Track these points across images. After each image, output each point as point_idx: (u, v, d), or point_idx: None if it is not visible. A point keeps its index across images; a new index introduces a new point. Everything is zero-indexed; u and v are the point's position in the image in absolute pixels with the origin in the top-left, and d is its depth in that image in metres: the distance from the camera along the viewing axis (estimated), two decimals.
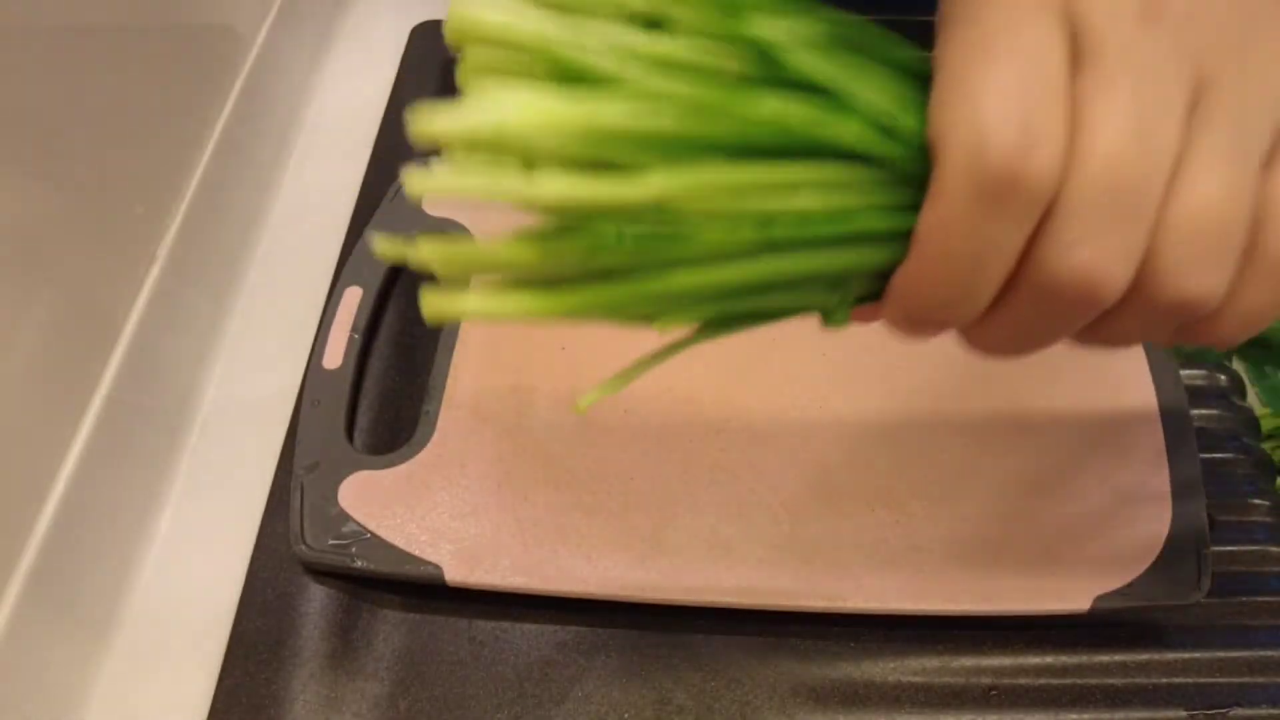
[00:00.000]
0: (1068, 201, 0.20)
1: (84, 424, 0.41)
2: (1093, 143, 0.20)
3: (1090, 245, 0.21)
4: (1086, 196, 0.20)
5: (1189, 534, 0.41)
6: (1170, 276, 0.21)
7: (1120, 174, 0.20)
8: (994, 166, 0.20)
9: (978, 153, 0.20)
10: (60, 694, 0.40)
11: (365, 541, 0.41)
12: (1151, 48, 0.21)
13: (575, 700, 0.39)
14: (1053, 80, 0.20)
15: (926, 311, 0.23)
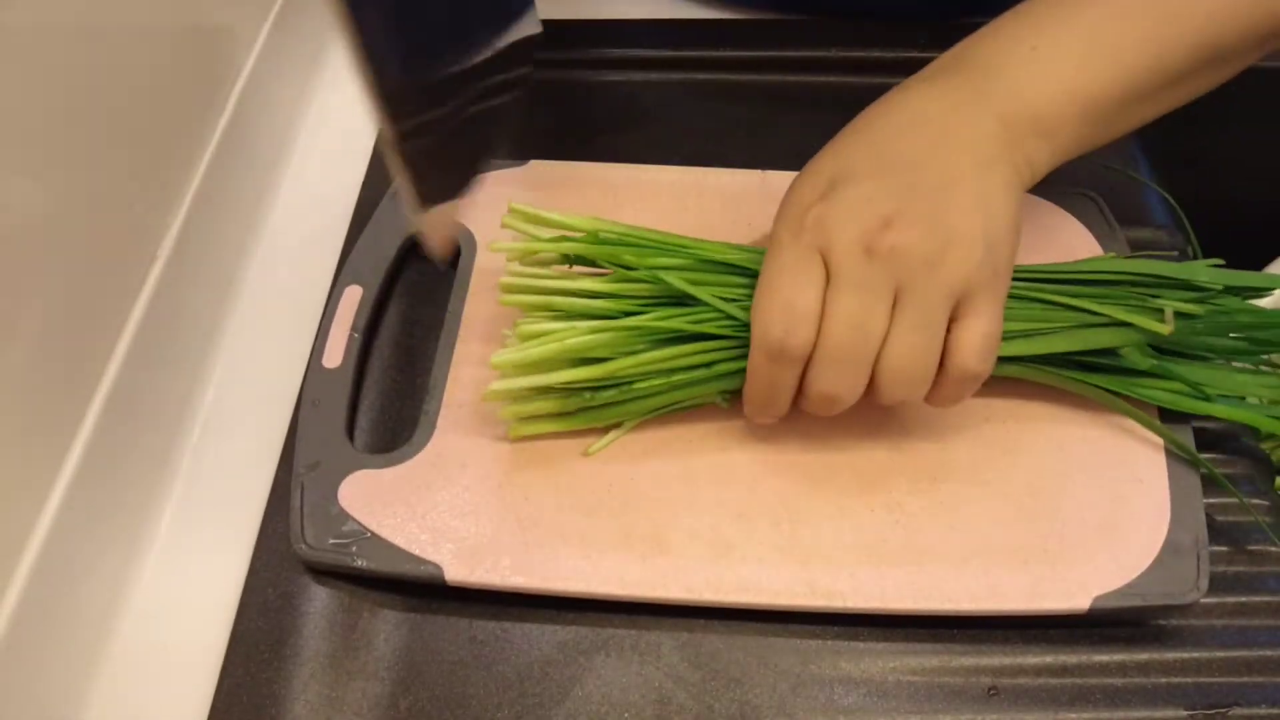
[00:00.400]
0: (816, 359, 0.38)
1: (84, 423, 0.41)
2: (828, 330, 0.37)
3: (827, 381, 0.38)
4: (825, 356, 0.38)
5: (1188, 534, 0.41)
6: (886, 393, 0.39)
7: (844, 345, 0.37)
8: (772, 344, 0.38)
9: (764, 336, 0.38)
10: (60, 694, 0.40)
11: (366, 541, 0.41)
12: (867, 272, 0.37)
13: (575, 700, 0.39)
14: (805, 295, 0.37)
15: (760, 409, 0.41)
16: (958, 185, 0.38)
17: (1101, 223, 0.51)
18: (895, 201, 0.37)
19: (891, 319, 0.37)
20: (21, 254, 0.38)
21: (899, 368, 0.38)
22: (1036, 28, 0.42)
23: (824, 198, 0.38)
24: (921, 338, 0.37)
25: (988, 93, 0.40)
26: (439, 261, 0.46)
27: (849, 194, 0.38)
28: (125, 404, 0.43)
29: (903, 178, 0.38)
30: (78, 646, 0.41)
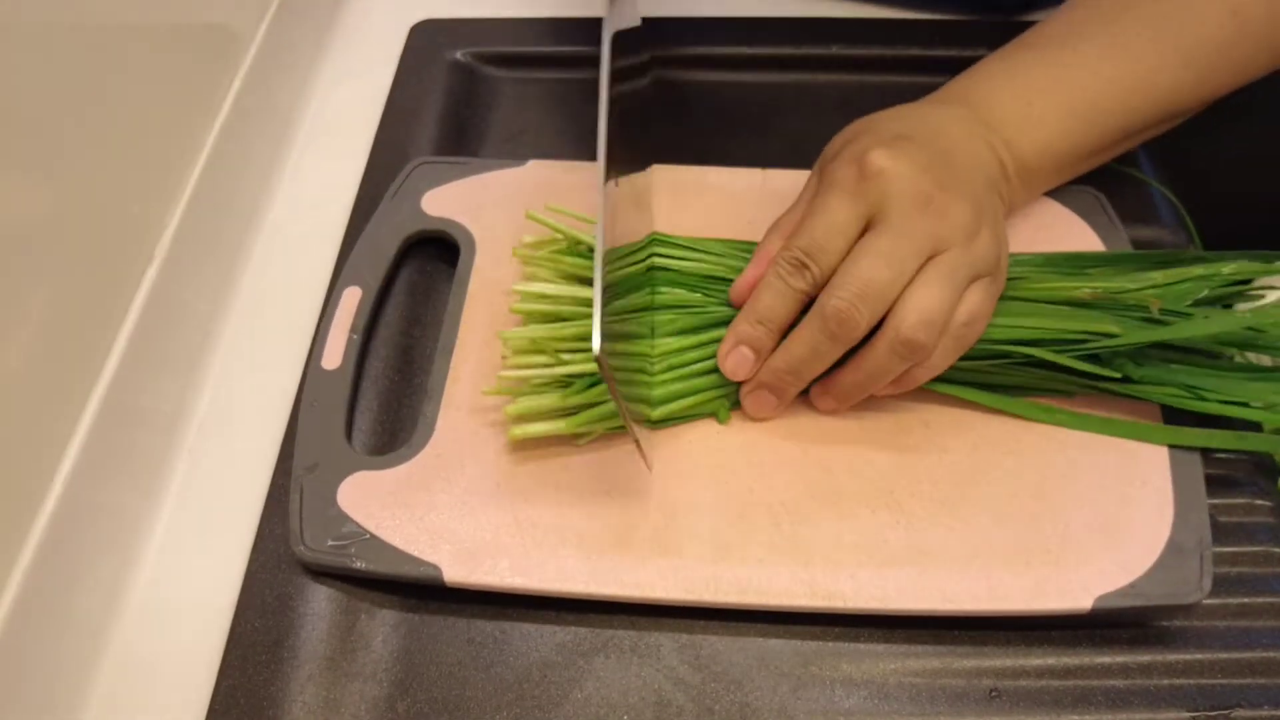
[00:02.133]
0: (837, 280, 0.40)
1: (82, 424, 0.41)
2: (856, 257, 0.39)
3: (845, 301, 0.39)
4: (846, 281, 0.39)
5: (1191, 534, 0.40)
6: (901, 331, 0.39)
7: (870, 276, 0.39)
8: (797, 251, 0.40)
9: (790, 246, 0.41)
10: (59, 694, 0.40)
11: (364, 542, 0.40)
12: (914, 224, 0.39)
13: (574, 702, 0.39)
14: (840, 227, 0.40)
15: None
16: (981, 182, 0.42)
17: (1104, 219, 0.50)
18: (945, 172, 0.40)
19: (919, 271, 0.39)
20: (18, 254, 0.38)
21: (921, 309, 0.39)
22: (1031, 85, 0.46)
23: (884, 144, 0.40)
24: (943, 292, 0.39)
25: (991, 135, 0.44)
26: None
27: (908, 149, 0.40)
28: (123, 405, 0.43)
29: (946, 158, 0.41)
30: (76, 646, 0.41)
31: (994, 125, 0.44)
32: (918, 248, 0.39)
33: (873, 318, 0.39)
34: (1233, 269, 0.45)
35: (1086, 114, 0.46)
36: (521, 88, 0.60)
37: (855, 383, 0.42)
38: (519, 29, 0.62)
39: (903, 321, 0.39)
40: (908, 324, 0.39)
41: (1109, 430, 0.43)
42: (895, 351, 0.39)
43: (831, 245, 0.40)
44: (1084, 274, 0.46)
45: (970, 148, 0.43)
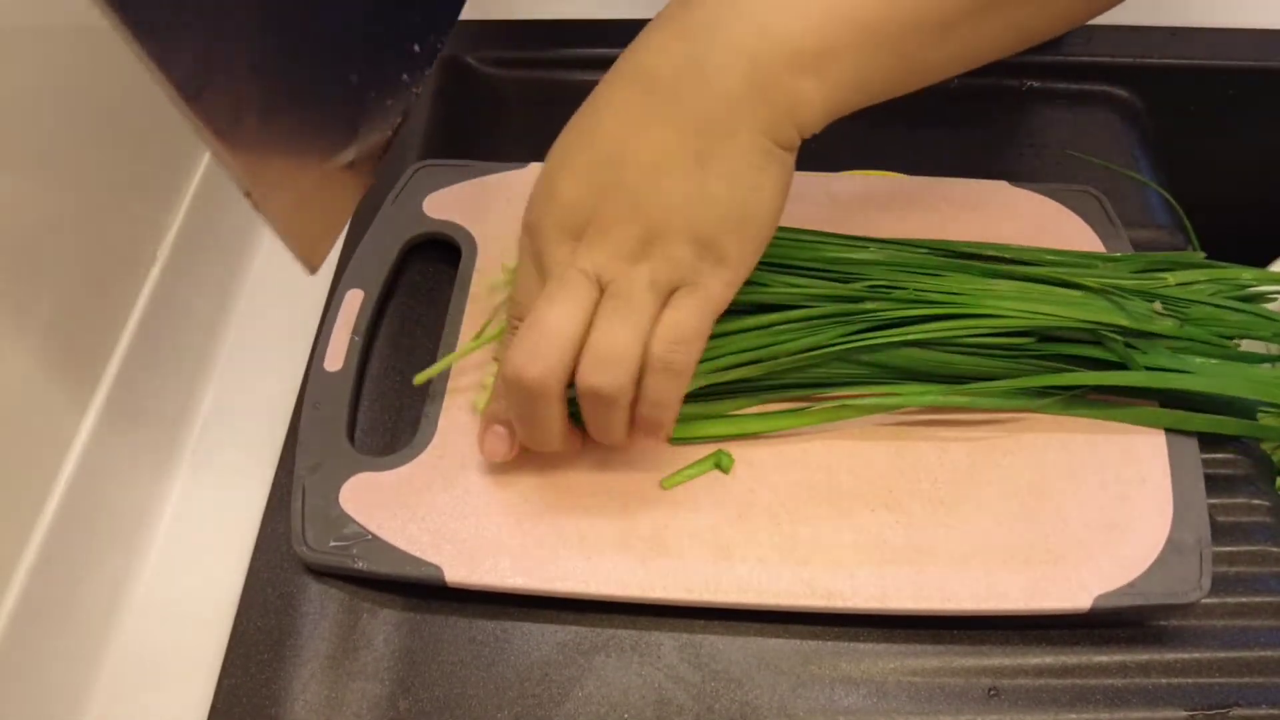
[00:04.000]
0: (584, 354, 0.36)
1: (84, 424, 0.41)
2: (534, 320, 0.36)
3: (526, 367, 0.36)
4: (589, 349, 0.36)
5: (1189, 534, 0.41)
6: (580, 384, 0.36)
7: (545, 336, 0.36)
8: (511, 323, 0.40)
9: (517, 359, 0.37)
10: (61, 693, 0.40)
11: (366, 542, 0.41)
12: (572, 277, 0.36)
13: (575, 700, 0.39)
14: (529, 298, 0.38)
15: None
16: (675, 169, 0.35)
17: (1104, 220, 0.50)
18: (598, 193, 0.36)
19: (595, 313, 0.36)
20: (21, 256, 0.38)
21: (596, 353, 0.36)
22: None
23: (541, 195, 0.38)
24: (621, 323, 0.35)
25: (728, 32, 0.34)
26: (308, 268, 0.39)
27: (556, 186, 0.37)
28: (126, 405, 0.43)
29: (613, 165, 0.36)
30: (78, 646, 0.41)
31: (734, 9, 0.34)
32: (577, 302, 0.36)
33: (558, 371, 0.36)
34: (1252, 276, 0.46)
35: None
36: (523, 90, 0.61)
37: (605, 429, 0.39)
38: (520, 31, 0.62)
39: (579, 375, 0.36)
40: (581, 376, 0.36)
41: (1105, 415, 0.43)
42: (588, 404, 0.37)
43: (528, 324, 0.37)
44: (1094, 268, 0.46)
45: (676, 93, 0.35)
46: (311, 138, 0.38)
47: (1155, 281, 0.45)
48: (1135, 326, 0.43)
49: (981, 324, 0.42)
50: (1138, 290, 0.44)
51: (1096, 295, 0.44)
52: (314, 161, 0.38)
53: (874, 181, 0.53)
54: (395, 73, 0.42)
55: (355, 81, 0.39)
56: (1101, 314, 0.42)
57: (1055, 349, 0.43)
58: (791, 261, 0.44)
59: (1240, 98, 0.61)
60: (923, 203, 0.51)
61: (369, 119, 0.40)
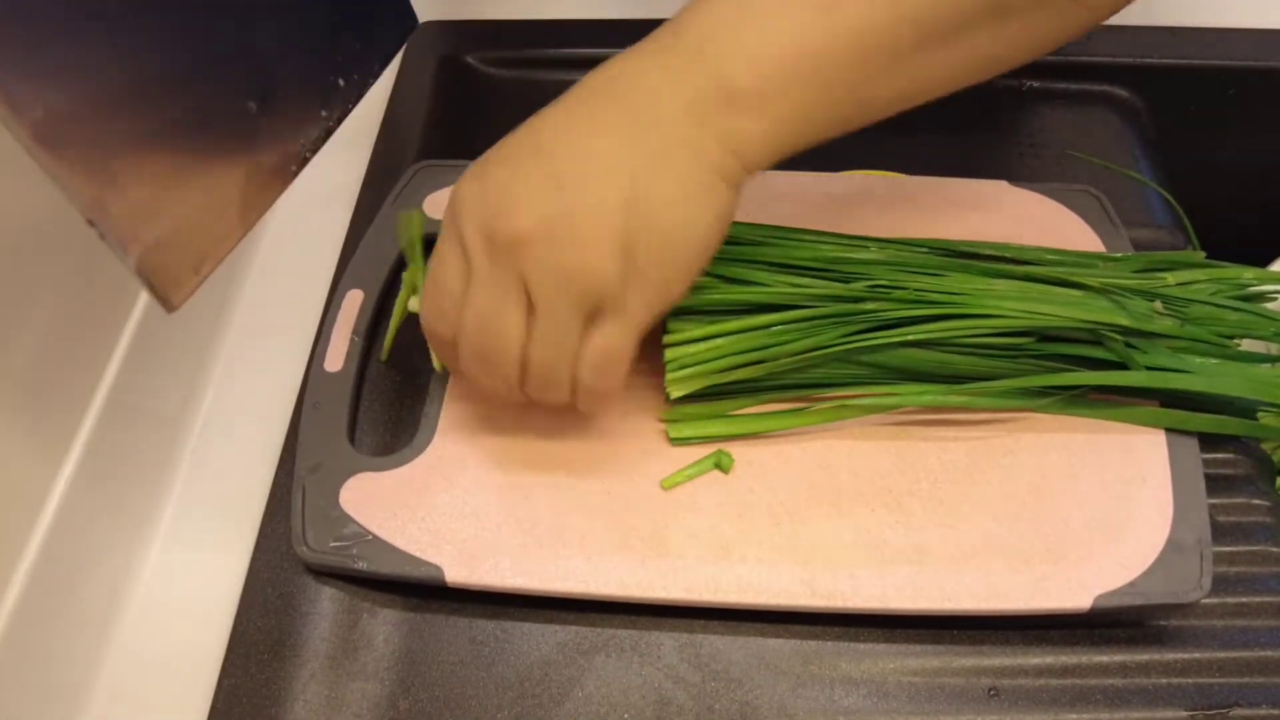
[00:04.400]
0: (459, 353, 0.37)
1: (84, 425, 0.41)
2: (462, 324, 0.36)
3: (475, 373, 0.38)
4: (463, 350, 0.37)
5: (1190, 534, 0.41)
6: (533, 394, 0.38)
7: (476, 342, 0.36)
8: (426, 328, 0.39)
9: (423, 319, 0.39)
10: (61, 694, 0.40)
11: (367, 543, 0.41)
12: (492, 265, 0.35)
13: (575, 700, 0.39)
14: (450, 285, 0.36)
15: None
16: (604, 179, 0.34)
17: (1105, 220, 0.51)
18: (528, 186, 0.34)
19: (528, 320, 0.36)
20: (22, 254, 0.38)
21: (532, 374, 0.37)
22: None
23: (470, 177, 0.36)
24: (548, 351, 0.36)
25: (688, 64, 0.34)
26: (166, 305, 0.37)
27: (488, 174, 0.35)
28: (125, 405, 0.43)
29: (545, 165, 0.35)
30: (78, 646, 0.41)
31: (695, 45, 0.34)
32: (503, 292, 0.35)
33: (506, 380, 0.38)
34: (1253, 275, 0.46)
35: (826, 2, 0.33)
36: (523, 90, 0.61)
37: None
38: (520, 31, 0.63)
39: (526, 387, 0.38)
40: (529, 388, 0.38)
41: (1105, 415, 0.44)
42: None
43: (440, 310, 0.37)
44: (1094, 268, 0.46)
45: (632, 108, 0.35)
46: (187, 168, 0.36)
47: (1155, 281, 0.45)
48: (1135, 326, 0.43)
49: (981, 324, 0.42)
50: (1138, 290, 0.44)
51: (1097, 295, 0.44)
52: (188, 194, 0.36)
53: (874, 181, 0.53)
54: (307, 104, 0.41)
55: (253, 110, 0.38)
56: (1102, 314, 0.42)
57: (1055, 349, 0.43)
58: (792, 261, 0.44)
59: (1240, 98, 0.61)
60: (923, 203, 0.51)
61: (264, 149, 0.39)
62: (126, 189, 0.34)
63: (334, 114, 0.43)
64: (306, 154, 0.42)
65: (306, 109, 0.42)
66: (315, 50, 0.42)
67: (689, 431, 0.43)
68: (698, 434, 0.43)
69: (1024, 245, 0.47)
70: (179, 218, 0.36)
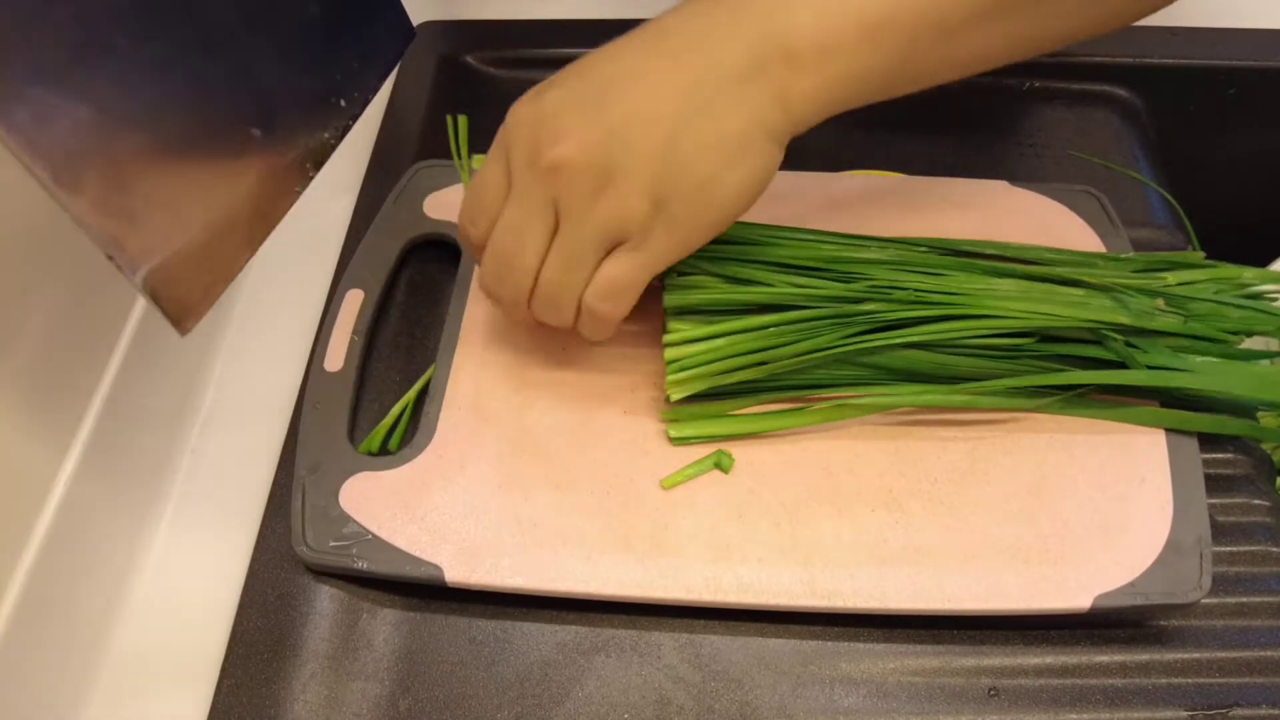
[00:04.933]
0: (485, 255, 0.39)
1: (84, 424, 0.41)
2: (494, 232, 0.39)
3: (489, 278, 0.40)
4: (488, 254, 0.39)
5: (1189, 534, 0.41)
6: (537, 311, 0.40)
7: (500, 251, 0.38)
8: (460, 227, 0.41)
9: (459, 218, 0.41)
10: (61, 694, 0.40)
11: (366, 542, 0.41)
12: (529, 183, 0.36)
13: (575, 701, 0.39)
14: (489, 193, 0.38)
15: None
16: (656, 120, 0.35)
17: (1104, 220, 0.51)
18: (578, 117, 0.35)
19: (551, 241, 0.37)
20: (22, 253, 0.38)
21: (541, 291, 0.39)
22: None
23: (528, 100, 0.38)
24: (561, 272, 0.38)
25: (742, 13, 0.35)
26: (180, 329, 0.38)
27: (544, 99, 0.37)
28: (125, 404, 0.43)
29: (597, 100, 0.36)
30: (78, 646, 0.41)
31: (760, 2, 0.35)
32: (533, 210, 0.37)
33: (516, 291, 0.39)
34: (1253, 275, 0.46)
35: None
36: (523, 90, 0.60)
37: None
38: (520, 31, 0.63)
39: (533, 302, 0.39)
40: (535, 304, 0.39)
41: (1105, 415, 0.44)
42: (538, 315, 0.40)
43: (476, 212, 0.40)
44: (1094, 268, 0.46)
45: (684, 51, 0.35)
46: (195, 198, 0.37)
47: (1156, 281, 0.45)
48: (1137, 325, 0.43)
49: (982, 325, 0.42)
50: (1139, 289, 0.44)
51: (1098, 293, 0.44)
52: (197, 222, 0.38)
53: (874, 181, 0.53)
54: (309, 126, 0.42)
55: (257, 136, 0.39)
56: (1103, 313, 0.42)
57: (1055, 349, 0.43)
58: (792, 261, 0.44)
59: (1240, 98, 0.61)
60: (923, 203, 0.51)
61: (268, 173, 0.41)
62: (140, 224, 0.35)
63: (335, 133, 0.44)
64: (310, 172, 0.43)
65: (309, 131, 0.43)
66: (315, 73, 0.43)
67: (689, 431, 0.43)
68: (698, 434, 0.43)
69: (1025, 244, 0.47)
70: (189, 245, 0.37)
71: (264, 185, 0.41)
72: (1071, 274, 0.44)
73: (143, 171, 0.35)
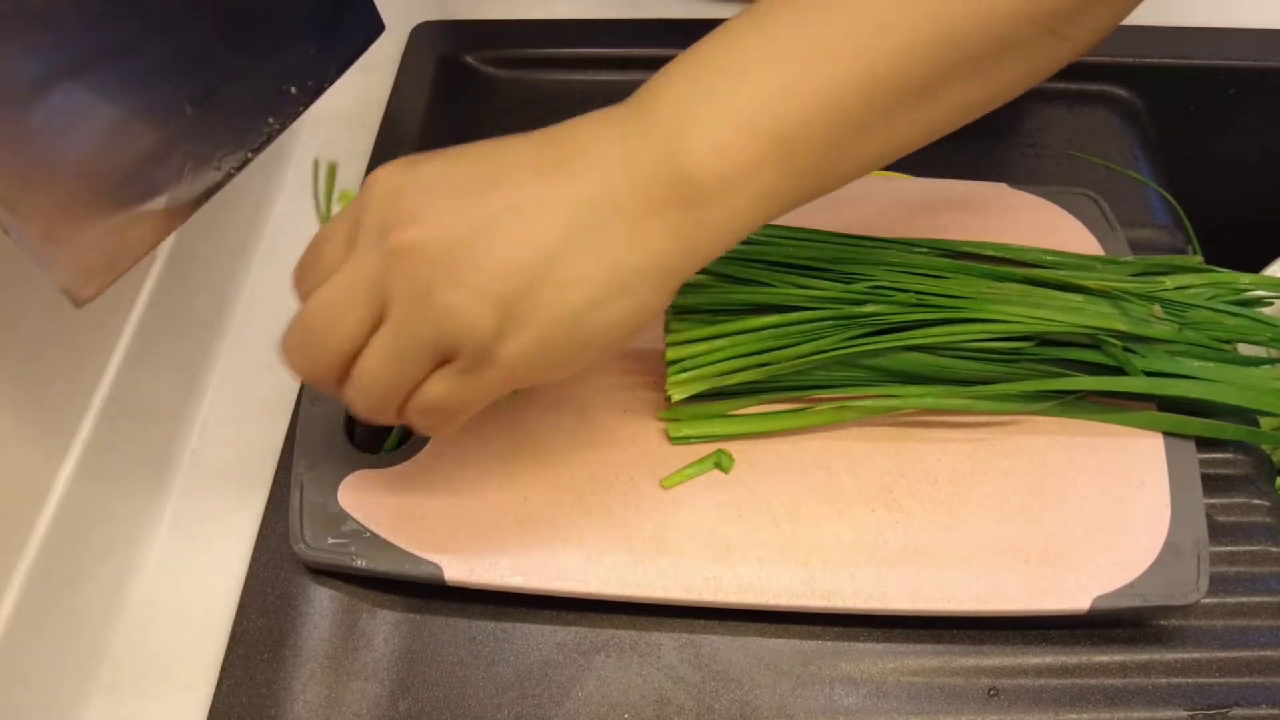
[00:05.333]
0: (296, 314, 0.34)
1: (84, 423, 0.41)
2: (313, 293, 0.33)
3: (287, 338, 0.35)
4: (302, 319, 0.34)
5: (1188, 534, 0.41)
6: (349, 402, 0.34)
7: (314, 318, 0.33)
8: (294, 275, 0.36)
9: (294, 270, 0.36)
10: (60, 694, 0.40)
11: (365, 541, 0.41)
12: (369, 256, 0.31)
13: (575, 700, 0.39)
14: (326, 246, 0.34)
15: None
16: (535, 230, 0.31)
17: (1102, 223, 0.51)
18: (446, 201, 0.31)
19: (372, 328, 0.32)
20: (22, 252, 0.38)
21: (355, 383, 0.33)
22: (708, 53, 0.32)
23: (398, 166, 0.32)
24: (379, 372, 0.32)
25: (645, 137, 0.32)
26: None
27: (416, 170, 0.32)
28: (125, 403, 0.43)
29: (478, 187, 0.31)
30: (78, 646, 0.41)
31: (662, 119, 0.32)
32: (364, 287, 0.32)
33: (320, 370, 0.34)
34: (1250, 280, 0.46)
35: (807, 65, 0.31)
36: (522, 89, 0.61)
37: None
38: (519, 30, 0.63)
39: (346, 392, 0.34)
40: (348, 395, 0.34)
41: (1104, 418, 0.44)
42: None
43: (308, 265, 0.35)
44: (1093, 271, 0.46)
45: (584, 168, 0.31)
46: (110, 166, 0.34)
47: (1153, 285, 0.45)
48: (1134, 331, 0.43)
49: (983, 329, 0.42)
50: (1136, 293, 0.44)
51: (1097, 298, 0.44)
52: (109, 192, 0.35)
53: (874, 182, 0.53)
54: (251, 109, 0.39)
55: (188, 112, 0.37)
56: (1101, 319, 0.43)
57: (1054, 353, 0.43)
58: (793, 261, 0.44)
59: (1240, 98, 0.61)
60: (923, 204, 0.51)
61: (198, 150, 0.38)
62: (39, 187, 0.32)
63: (282, 119, 0.41)
64: (249, 154, 0.40)
65: (250, 114, 0.40)
66: (263, 55, 0.40)
67: (689, 431, 0.43)
68: (698, 434, 0.43)
69: (1024, 247, 0.47)
70: (95, 213, 0.34)
71: (192, 162, 0.37)
72: (1070, 278, 0.44)
73: (46, 133, 0.32)
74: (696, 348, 0.42)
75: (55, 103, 0.32)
